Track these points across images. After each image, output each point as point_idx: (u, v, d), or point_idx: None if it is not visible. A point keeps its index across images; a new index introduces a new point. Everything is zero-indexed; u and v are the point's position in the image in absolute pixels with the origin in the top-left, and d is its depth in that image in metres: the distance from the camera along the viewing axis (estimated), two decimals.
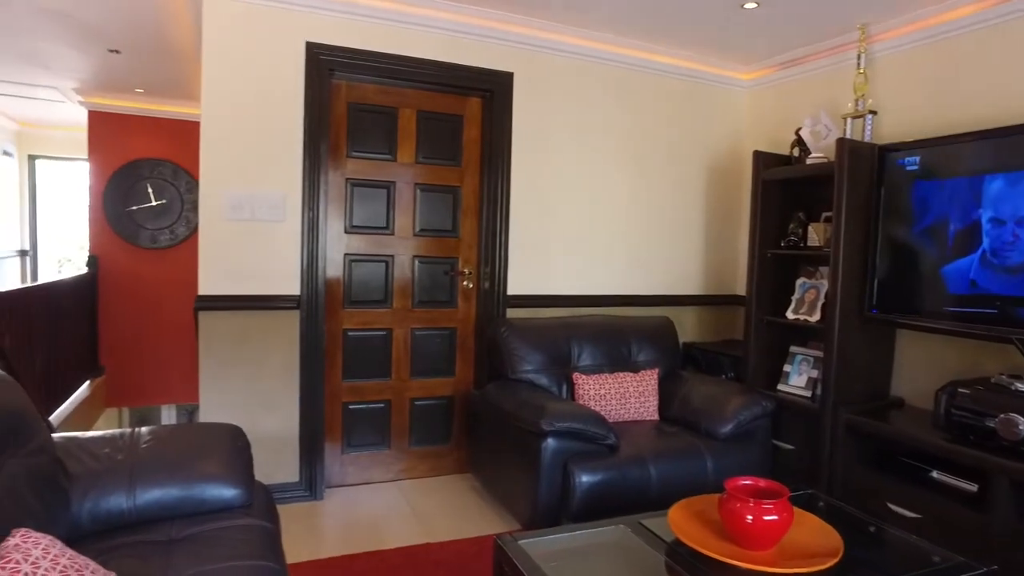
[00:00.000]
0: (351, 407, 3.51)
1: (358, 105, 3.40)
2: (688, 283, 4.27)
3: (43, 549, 1.47)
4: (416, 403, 3.64)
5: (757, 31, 3.64)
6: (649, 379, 3.47)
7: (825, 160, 3.35)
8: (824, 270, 3.47)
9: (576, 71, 3.82)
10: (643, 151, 4.06)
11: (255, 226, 3.13)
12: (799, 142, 3.56)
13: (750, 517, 1.82)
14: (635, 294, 4.07)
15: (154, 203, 5.99)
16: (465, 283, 3.69)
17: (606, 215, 3.97)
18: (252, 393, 3.18)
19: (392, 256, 3.53)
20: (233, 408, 3.15)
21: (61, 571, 1.43)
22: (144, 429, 2.35)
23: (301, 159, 3.20)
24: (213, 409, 3.14)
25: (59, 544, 1.53)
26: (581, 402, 3.27)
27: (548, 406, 2.88)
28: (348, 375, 3.48)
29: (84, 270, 5.98)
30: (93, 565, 1.53)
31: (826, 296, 3.29)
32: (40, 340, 4.16)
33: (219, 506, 2.12)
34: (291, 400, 3.25)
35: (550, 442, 2.78)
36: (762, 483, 1.96)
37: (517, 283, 3.72)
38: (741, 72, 4.31)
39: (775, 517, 1.81)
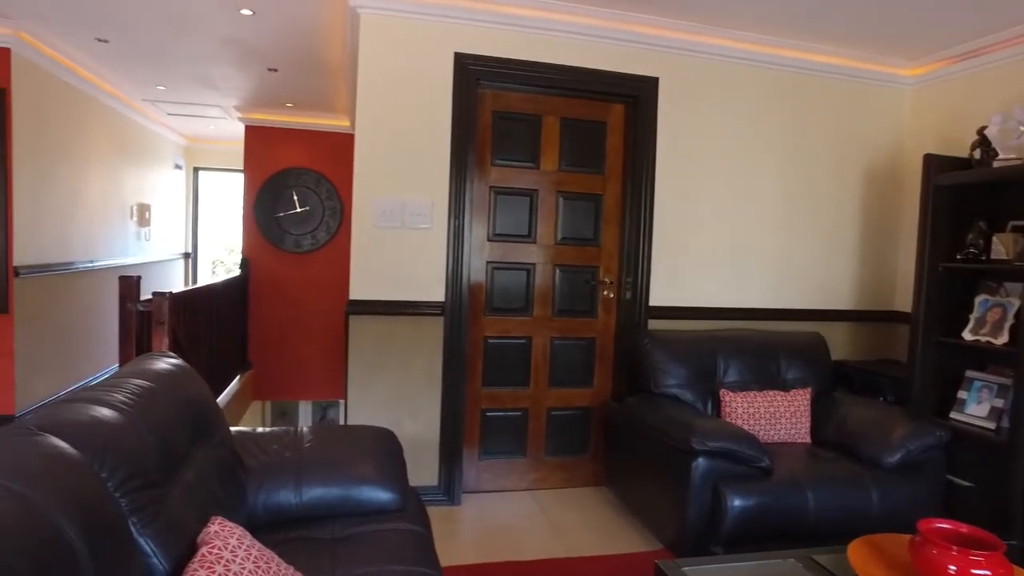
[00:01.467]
0: (489, 414, 3.52)
1: (502, 113, 3.43)
2: (840, 297, 3.97)
3: (237, 539, 1.55)
4: (553, 413, 3.60)
5: (927, 21, 3.32)
6: (801, 399, 3.24)
7: (1020, 162, 2.99)
8: (1012, 287, 3.10)
9: (724, 74, 3.66)
10: (794, 156, 3.82)
11: (403, 233, 3.21)
12: (982, 142, 3.20)
13: (953, 568, 1.61)
14: (783, 307, 3.83)
15: (299, 210, 6.36)
16: (605, 293, 3.62)
17: (753, 224, 3.77)
18: (396, 396, 3.27)
19: (533, 264, 3.52)
20: (378, 410, 3.24)
21: (253, 561, 1.50)
22: (305, 428, 2.45)
23: (448, 168, 3.26)
24: (359, 410, 3.25)
25: (248, 535, 1.61)
26: (728, 420, 3.10)
27: (697, 423, 2.75)
28: (487, 382, 3.50)
29: (236, 272, 6.44)
30: (277, 559, 1.60)
31: (1016, 316, 2.93)
32: (205, 336, 4.51)
33: (375, 508, 2.17)
34: (433, 405, 3.31)
35: (700, 462, 2.64)
36: (963, 528, 1.75)
37: (659, 294, 3.60)
38: (904, 68, 3.96)
39: (987, 573, 1.59)
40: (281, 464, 2.17)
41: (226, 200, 9.47)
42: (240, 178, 8.66)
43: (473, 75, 3.28)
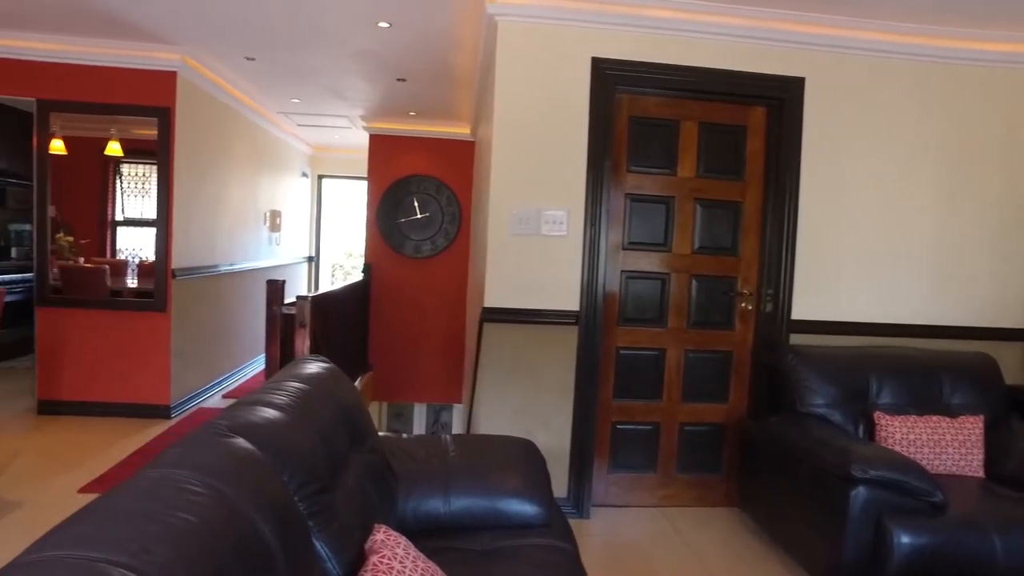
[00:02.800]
0: (619, 427, 3.43)
1: (639, 119, 3.34)
2: (1013, 313, 3.58)
3: (404, 549, 1.55)
4: (685, 428, 3.46)
5: None
6: (971, 427, 2.94)
7: None
8: None
9: (879, 70, 3.39)
10: (958, 156, 3.49)
11: (539, 242, 3.19)
12: None
13: None
14: (945, 324, 3.50)
15: (419, 216, 6.51)
16: (744, 304, 3.44)
17: (911, 233, 3.47)
18: (527, 405, 3.24)
19: (668, 274, 3.40)
20: (509, 418, 3.23)
21: (421, 573, 1.50)
22: (448, 437, 2.47)
23: (584, 175, 3.20)
24: (490, 418, 3.25)
25: (411, 544, 1.61)
26: (884, 446, 2.85)
27: (855, 448, 2.54)
28: (618, 394, 3.41)
29: (356, 276, 6.68)
30: (441, 572, 1.59)
31: None
32: (335, 337, 4.68)
33: (520, 522, 2.13)
34: (564, 415, 3.26)
35: (860, 491, 2.43)
36: None
37: (802, 307, 3.39)
38: None
39: None
40: (429, 472, 2.18)
41: (346, 206, 9.89)
42: (360, 185, 9.03)
43: (610, 80, 3.22)
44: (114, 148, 5.66)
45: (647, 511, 3.44)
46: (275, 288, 3.21)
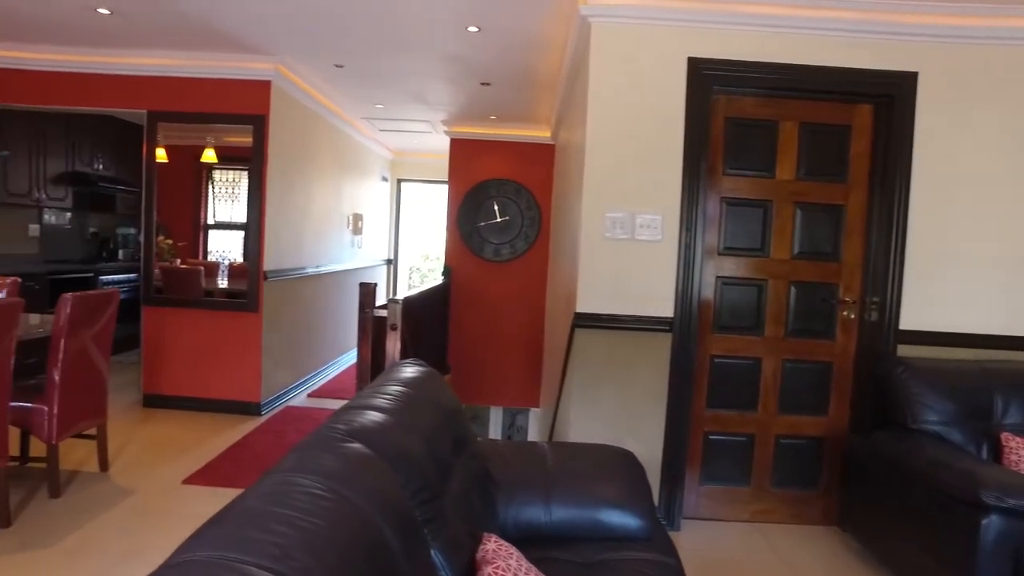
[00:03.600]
0: (712, 437, 3.32)
1: (736, 120, 3.22)
2: None
3: (516, 559, 1.53)
4: (782, 440, 3.32)
5: None
6: None
7: None
8: None
9: (1000, 60, 3.16)
10: None
11: (632, 246, 3.12)
12: None
13: None
14: None
15: (499, 219, 6.53)
16: (846, 313, 3.27)
17: None
18: (617, 412, 3.18)
19: (765, 280, 3.27)
20: (597, 424, 3.18)
21: None
22: (545, 444, 2.44)
23: (680, 178, 3.12)
24: (579, 423, 3.21)
25: (522, 555, 1.59)
26: (1014, 470, 2.64)
27: (985, 472, 2.36)
28: (712, 403, 3.30)
29: (434, 278, 6.75)
30: None
31: None
32: (419, 339, 4.74)
33: (622, 534, 2.07)
34: (655, 424, 3.18)
35: (994, 521, 2.26)
36: None
37: (911, 316, 3.19)
38: None
39: None
40: (528, 480, 2.15)
41: (423, 209, 10.05)
42: (437, 188, 9.15)
43: (707, 80, 3.12)
44: (209, 155, 5.94)
45: (740, 526, 3.31)
46: (368, 291, 3.27)
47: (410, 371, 2.17)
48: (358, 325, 3.28)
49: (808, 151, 3.23)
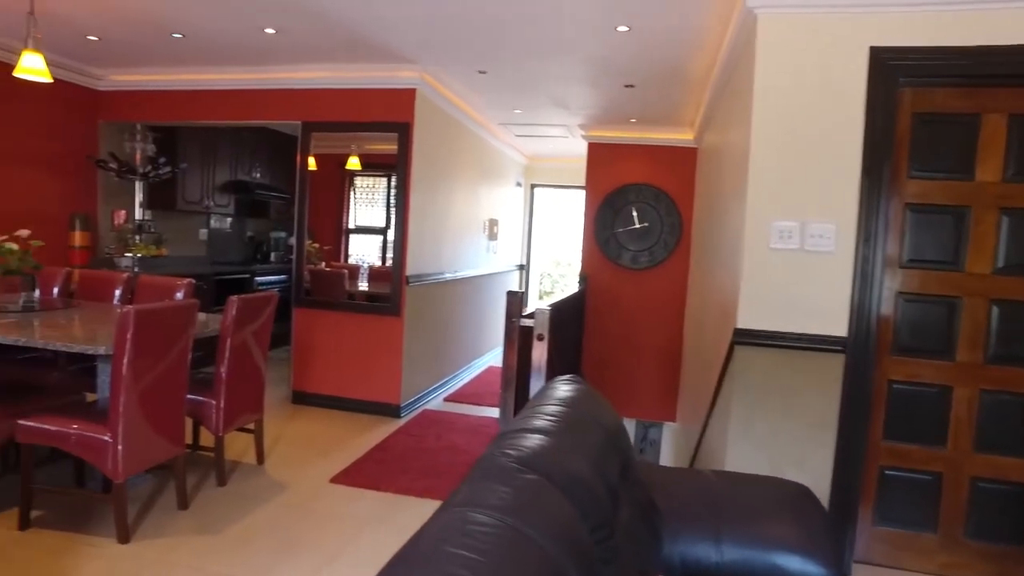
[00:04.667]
0: (889, 473, 2.96)
1: (926, 115, 2.85)
2: None
3: None
4: (979, 484, 2.89)
5: None
6: None
7: None
8: None
9: None
10: None
11: (802, 257, 2.84)
12: None
13: None
14: None
15: (637, 226, 6.32)
16: None
17: None
18: (777, 437, 2.90)
19: (958, 297, 2.86)
20: (756, 451, 2.92)
21: None
22: (711, 473, 2.24)
23: (858, 182, 2.80)
24: (735, 448, 2.96)
25: None
26: None
27: None
28: (889, 435, 2.94)
29: (568, 285, 6.64)
30: None
31: None
32: (560, 348, 4.65)
33: None
34: (823, 454, 2.87)
35: None
36: None
37: None
38: None
39: None
40: (695, 513, 1.97)
41: (556, 215, 10.00)
42: (570, 194, 9.06)
43: (891, 72, 2.78)
44: (353, 163, 6.20)
45: None
46: (515, 300, 3.21)
47: (567, 389, 2.06)
48: (505, 333, 3.23)
49: (1019, 148, 2.80)
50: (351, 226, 6.69)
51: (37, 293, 3.79)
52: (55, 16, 4.04)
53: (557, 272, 10.10)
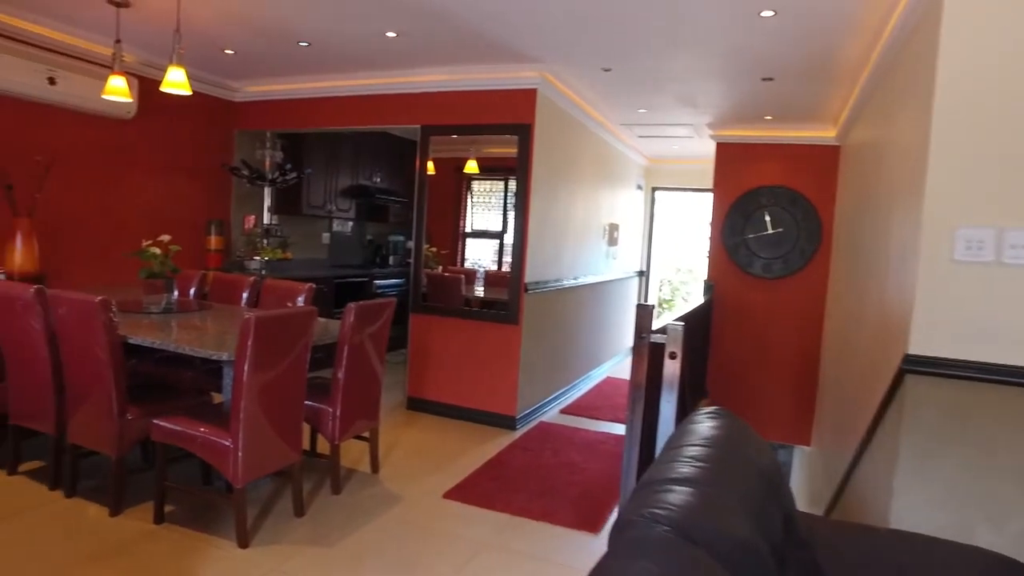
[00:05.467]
0: None
1: None
2: None
3: None
4: None
5: None
6: None
7: None
8: None
9: None
10: None
11: (996, 273, 2.38)
12: None
13: None
14: None
15: (770, 231, 5.82)
16: None
17: None
18: (967, 492, 2.44)
19: None
20: (933, 504, 2.46)
21: None
22: (887, 532, 1.88)
23: None
24: (904, 497, 2.52)
25: None
26: None
27: None
28: None
29: (689, 293, 6.22)
30: None
31: None
32: (690, 363, 4.31)
33: None
34: None
35: None
36: None
37: None
38: None
39: None
40: None
41: (676, 219, 9.55)
42: (692, 197, 8.59)
43: None
44: (471, 166, 6.11)
45: None
46: (645, 314, 2.93)
47: (713, 424, 1.78)
48: (633, 349, 2.95)
49: None
50: (467, 230, 6.64)
51: (176, 295, 3.94)
52: (197, 33, 4.21)
53: (678, 279, 9.61)
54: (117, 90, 3.72)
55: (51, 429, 3.26)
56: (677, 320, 3.03)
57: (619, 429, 5.10)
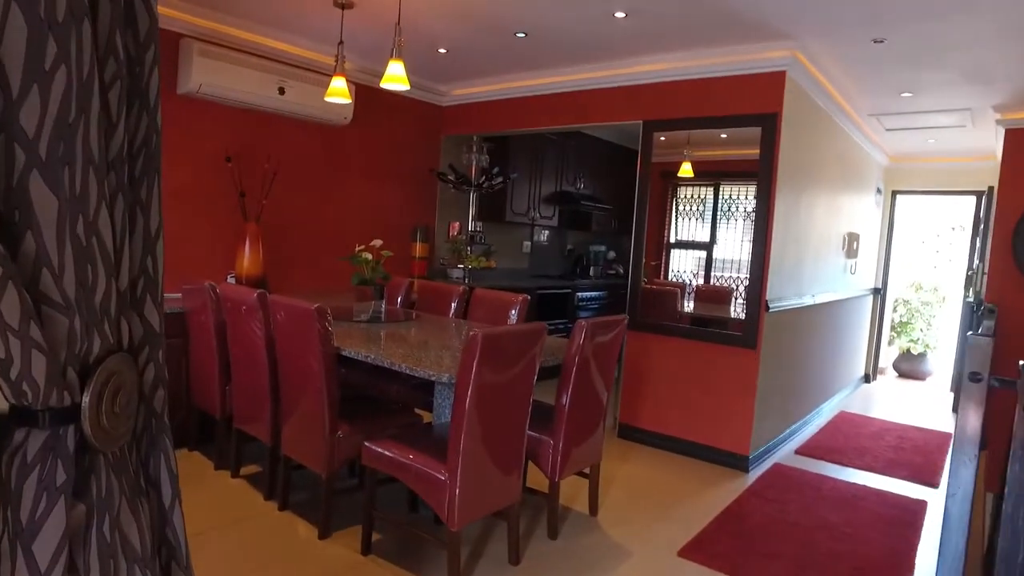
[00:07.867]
0: None
1: None
2: None
3: None
4: None
5: None
6: None
7: None
8: None
9: None
10: None
11: None
12: None
13: None
14: None
15: None
16: None
17: None
18: None
19: None
20: None
21: None
22: None
23: None
24: None
25: None
26: None
27: None
28: None
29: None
30: None
31: None
32: None
33: None
34: None
35: None
36: None
37: None
38: None
39: None
40: None
41: (918, 228, 8.15)
42: (939, 202, 7.19)
43: None
44: (686, 169, 5.44)
45: None
46: (982, 349, 2.14)
47: None
48: (961, 393, 2.17)
49: None
50: (671, 240, 6.00)
51: (384, 303, 3.76)
52: (413, 31, 4.02)
53: (917, 299, 8.09)
54: (339, 91, 3.62)
55: (267, 438, 3.17)
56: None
57: (874, 480, 4.16)
